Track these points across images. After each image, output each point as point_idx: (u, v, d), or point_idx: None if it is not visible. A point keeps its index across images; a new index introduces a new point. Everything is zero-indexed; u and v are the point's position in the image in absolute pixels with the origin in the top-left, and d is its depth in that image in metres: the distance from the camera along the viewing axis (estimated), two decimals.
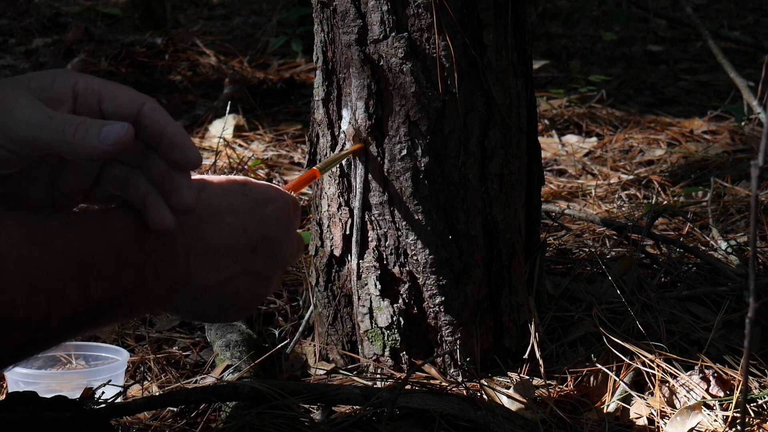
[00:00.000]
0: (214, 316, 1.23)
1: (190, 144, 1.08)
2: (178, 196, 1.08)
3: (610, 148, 3.16)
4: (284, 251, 1.23)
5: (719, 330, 1.76)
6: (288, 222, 1.24)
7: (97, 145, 1.01)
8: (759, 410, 1.58)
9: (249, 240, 1.19)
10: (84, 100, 1.07)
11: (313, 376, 1.74)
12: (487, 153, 1.65)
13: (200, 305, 1.18)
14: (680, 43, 4.85)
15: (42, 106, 1.03)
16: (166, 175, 1.08)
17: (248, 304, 1.22)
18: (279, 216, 1.23)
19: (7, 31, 5.01)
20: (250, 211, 1.20)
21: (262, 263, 1.21)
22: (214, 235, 1.16)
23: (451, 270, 1.66)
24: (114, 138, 1.02)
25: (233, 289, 1.19)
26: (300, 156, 3.15)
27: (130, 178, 1.10)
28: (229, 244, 1.18)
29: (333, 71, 1.66)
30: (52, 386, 1.63)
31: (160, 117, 1.08)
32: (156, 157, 1.09)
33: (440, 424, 1.50)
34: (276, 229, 1.22)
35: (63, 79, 1.08)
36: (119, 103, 1.08)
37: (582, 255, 2.12)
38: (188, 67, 4.30)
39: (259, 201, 1.22)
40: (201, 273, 1.15)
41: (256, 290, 1.22)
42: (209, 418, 1.56)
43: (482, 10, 1.61)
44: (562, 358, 1.74)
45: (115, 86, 1.09)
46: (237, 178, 1.23)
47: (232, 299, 1.20)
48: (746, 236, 2.27)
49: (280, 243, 1.22)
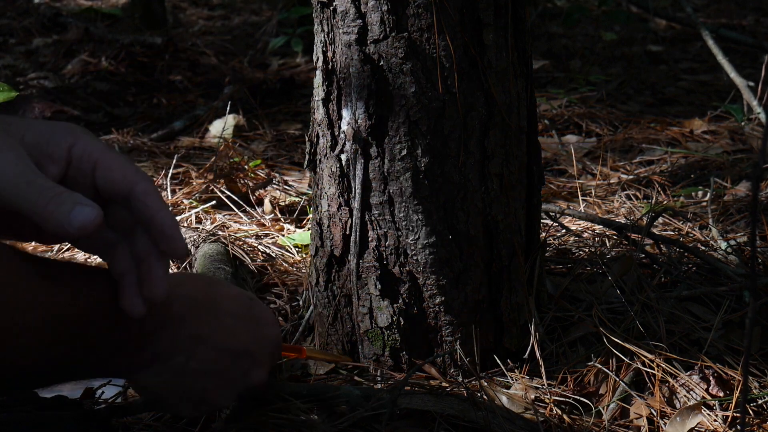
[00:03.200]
0: (173, 404, 1.22)
1: (178, 235, 1.06)
2: (151, 287, 1.06)
3: (610, 148, 3.16)
4: (258, 374, 1.24)
5: (719, 330, 1.76)
6: (274, 351, 1.26)
7: (64, 226, 0.98)
8: (759, 410, 1.58)
9: (236, 346, 1.20)
10: (78, 165, 1.04)
11: (313, 376, 1.74)
12: (487, 153, 1.65)
13: (166, 388, 1.18)
14: (680, 43, 4.85)
15: (26, 165, 0.99)
16: (146, 260, 1.06)
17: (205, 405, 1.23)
18: (270, 342, 1.25)
19: (7, 31, 5.00)
20: (247, 324, 1.22)
21: (236, 374, 1.22)
22: (210, 327, 1.17)
23: (451, 270, 1.67)
24: (80, 222, 0.98)
25: (202, 386, 1.19)
26: (300, 156, 3.15)
27: (117, 247, 1.08)
28: (218, 342, 1.18)
29: (333, 71, 1.66)
30: (52, 386, 1.63)
31: (152, 202, 1.05)
32: (142, 235, 1.07)
33: (440, 424, 1.50)
34: (261, 352, 1.24)
35: (61, 138, 1.04)
36: (113, 177, 1.05)
37: (582, 255, 2.12)
38: (188, 67, 4.30)
39: (260, 320, 1.24)
40: (183, 356, 1.16)
41: (218, 396, 1.23)
42: (209, 418, 1.56)
43: (482, 10, 1.61)
44: (562, 358, 1.74)
45: (113, 159, 1.05)
46: (248, 294, 1.25)
47: (195, 395, 1.20)
48: (746, 236, 2.27)
49: (258, 365, 1.24)
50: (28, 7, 5.39)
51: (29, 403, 1.38)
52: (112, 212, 1.07)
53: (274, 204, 2.61)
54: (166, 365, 1.15)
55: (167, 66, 4.24)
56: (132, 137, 3.40)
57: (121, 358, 1.11)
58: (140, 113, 3.80)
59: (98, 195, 1.05)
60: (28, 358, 1.00)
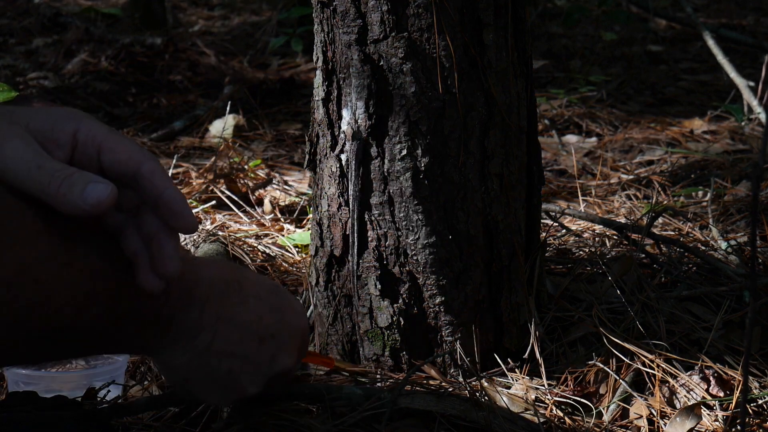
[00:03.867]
0: (200, 387, 1.22)
1: (187, 211, 1.06)
2: (163, 264, 1.06)
3: (610, 148, 3.16)
4: (285, 361, 1.24)
5: (719, 330, 1.76)
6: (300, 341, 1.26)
7: (78, 204, 0.99)
8: (759, 410, 1.58)
9: (260, 329, 1.20)
10: (83, 149, 1.05)
11: (313, 376, 1.74)
12: (487, 153, 1.65)
13: (193, 368, 1.18)
14: (680, 43, 4.85)
15: (35, 150, 1.00)
16: (155, 238, 1.07)
17: (232, 390, 1.22)
18: (296, 328, 1.25)
19: (7, 31, 5.01)
20: (272, 307, 1.21)
21: (263, 359, 1.21)
22: (233, 306, 1.17)
23: (451, 270, 1.67)
24: (95, 200, 0.99)
25: (228, 367, 1.19)
26: (300, 156, 3.15)
27: (126, 228, 1.08)
28: (242, 323, 1.18)
29: (333, 71, 1.66)
30: (52, 386, 1.63)
31: (159, 180, 1.05)
32: (149, 214, 1.07)
33: (441, 424, 1.50)
34: (287, 337, 1.23)
35: (65, 123, 1.05)
36: (118, 158, 1.05)
37: (582, 255, 2.12)
38: (188, 67, 4.30)
39: (285, 306, 1.24)
40: (209, 333, 1.15)
41: (245, 381, 1.22)
42: (209, 418, 1.56)
43: (482, 10, 1.61)
44: (562, 358, 1.74)
45: (118, 140, 1.06)
46: (275, 282, 1.24)
47: (222, 378, 1.20)
48: (746, 236, 2.27)
49: (284, 351, 1.23)
50: (28, 7, 5.39)
51: (29, 403, 1.38)
52: (120, 194, 1.07)
53: (274, 204, 2.61)
54: (191, 344, 1.15)
55: (167, 66, 4.24)
56: (132, 137, 3.40)
57: (148, 333, 1.11)
58: (140, 113, 3.81)
59: (105, 178, 1.05)
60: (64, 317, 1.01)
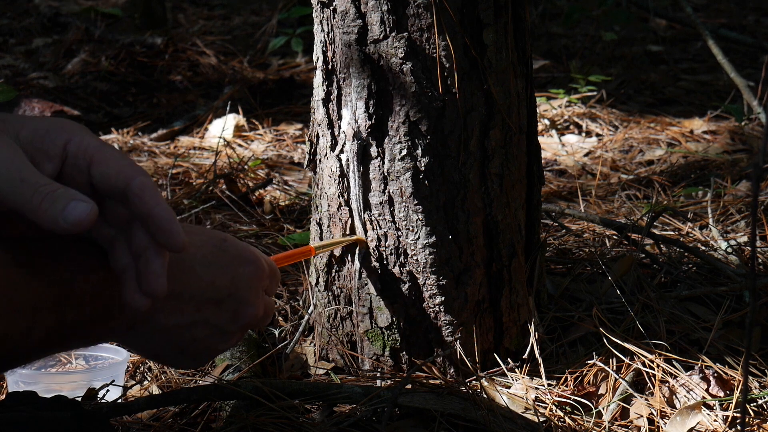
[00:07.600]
0: (170, 359, 1.22)
1: (176, 229, 1.05)
2: (148, 282, 1.05)
3: (610, 148, 3.16)
4: (248, 312, 1.23)
5: (719, 330, 1.76)
6: (259, 286, 1.24)
7: (58, 221, 0.98)
8: (759, 410, 1.58)
9: (215, 294, 1.19)
10: (73, 162, 1.04)
11: (313, 376, 1.74)
12: (487, 153, 1.65)
13: (156, 345, 1.18)
14: (680, 43, 4.85)
15: (21, 161, 0.99)
16: (143, 255, 1.06)
17: (203, 354, 1.22)
18: (251, 278, 1.23)
19: (7, 31, 5.00)
20: (222, 268, 1.20)
21: (225, 318, 1.21)
22: (180, 282, 1.16)
23: (451, 270, 1.67)
24: (75, 218, 0.98)
25: (191, 336, 1.19)
26: (300, 156, 3.15)
27: (115, 242, 1.08)
28: (194, 293, 1.17)
29: (333, 71, 1.66)
30: (51, 386, 1.63)
31: (149, 197, 1.04)
32: (140, 229, 1.06)
33: (441, 424, 1.50)
34: (245, 290, 1.22)
35: (56, 134, 1.03)
36: (108, 172, 1.04)
37: (582, 255, 2.12)
38: (188, 67, 4.30)
39: (234, 260, 1.22)
40: (162, 314, 1.15)
41: (213, 343, 1.22)
42: (209, 418, 1.56)
43: (482, 10, 1.61)
44: (562, 358, 1.74)
45: (109, 154, 1.05)
46: (218, 234, 1.22)
47: (188, 346, 1.20)
48: (746, 236, 2.27)
49: (246, 304, 1.22)
50: (28, 7, 5.38)
51: (29, 403, 1.38)
52: (109, 208, 1.07)
53: (274, 204, 2.61)
54: (148, 326, 1.15)
55: (167, 66, 4.24)
56: (132, 137, 3.40)
57: (102, 327, 1.11)
58: (140, 113, 3.80)
59: (95, 191, 1.05)
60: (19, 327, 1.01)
